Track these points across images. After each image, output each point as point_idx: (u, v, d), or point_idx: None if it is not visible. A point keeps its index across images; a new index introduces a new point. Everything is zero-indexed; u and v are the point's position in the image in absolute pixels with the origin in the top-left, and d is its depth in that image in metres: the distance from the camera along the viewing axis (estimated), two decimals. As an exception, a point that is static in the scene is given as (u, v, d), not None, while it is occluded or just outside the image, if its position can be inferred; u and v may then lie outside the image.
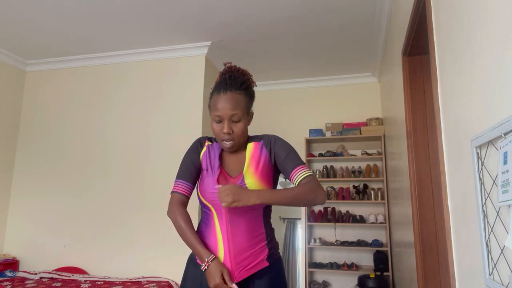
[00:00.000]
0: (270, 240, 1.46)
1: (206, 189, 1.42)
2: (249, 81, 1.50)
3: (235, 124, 1.41)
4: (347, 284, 4.40)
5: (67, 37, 3.79)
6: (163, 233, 3.56)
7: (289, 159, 1.43)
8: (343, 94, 4.85)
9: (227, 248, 1.38)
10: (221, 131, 1.41)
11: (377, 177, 4.41)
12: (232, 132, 1.41)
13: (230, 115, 1.39)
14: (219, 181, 1.43)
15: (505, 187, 0.81)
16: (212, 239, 1.41)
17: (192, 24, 3.51)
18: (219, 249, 1.39)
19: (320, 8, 3.22)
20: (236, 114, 1.40)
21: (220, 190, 1.27)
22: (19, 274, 3.66)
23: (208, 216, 1.44)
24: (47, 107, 4.28)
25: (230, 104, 1.39)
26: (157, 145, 3.86)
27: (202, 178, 1.47)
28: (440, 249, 2.03)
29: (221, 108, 1.39)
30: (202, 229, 1.47)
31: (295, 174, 1.40)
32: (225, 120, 1.40)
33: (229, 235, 1.38)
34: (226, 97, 1.40)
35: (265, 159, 1.45)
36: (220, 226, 1.40)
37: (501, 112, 0.89)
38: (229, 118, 1.40)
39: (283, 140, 1.50)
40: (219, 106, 1.40)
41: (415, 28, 2.00)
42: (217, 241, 1.40)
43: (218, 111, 1.40)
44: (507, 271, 0.87)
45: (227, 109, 1.39)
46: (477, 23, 1.06)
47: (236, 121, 1.41)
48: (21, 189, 4.15)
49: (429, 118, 2.19)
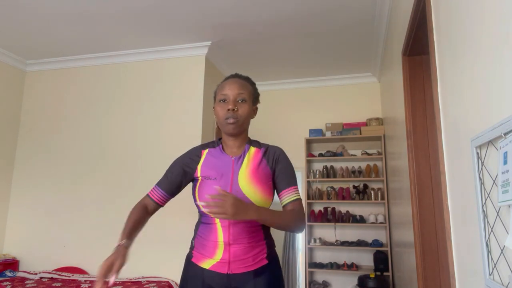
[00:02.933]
0: (268, 238, 1.47)
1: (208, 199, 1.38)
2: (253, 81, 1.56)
3: (240, 104, 1.42)
4: (347, 284, 4.41)
5: (67, 37, 3.79)
6: (163, 233, 3.56)
7: (285, 176, 1.45)
8: (343, 94, 4.85)
9: (228, 247, 1.39)
10: (225, 109, 1.41)
11: (377, 177, 4.41)
12: (237, 110, 1.41)
13: (236, 94, 1.42)
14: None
15: (505, 187, 0.81)
16: (212, 238, 1.41)
17: (192, 24, 3.51)
18: (218, 248, 1.39)
19: (320, 8, 3.22)
20: (242, 93, 1.43)
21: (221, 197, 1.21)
22: (19, 274, 3.67)
23: (209, 218, 1.43)
24: (47, 107, 4.28)
25: (237, 84, 1.44)
26: (157, 145, 3.86)
27: (202, 187, 1.42)
28: (440, 249, 2.03)
29: (227, 88, 1.43)
30: (201, 229, 1.46)
31: (285, 194, 1.43)
32: (231, 98, 1.41)
33: (230, 237, 1.39)
34: (233, 80, 1.47)
35: (263, 166, 1.45)
36: (223, 229, 1.40)
37: (501, 112, 0.89)
38: (235, 97, 1.42)
39: (286, 155, 1.51)
40: (225, 86, 1.44)
41: (415, 28, 1.99)
42: (217, 240, 1.40)
43: (224, 90, 1.43)
44: (507, 271, 0.87)
45: (234, 88, 1.42)
46: (477, 23, 1.06)
47: (242, 101, 1.42)
48: (21, 189, 4.15)
49: (429, 118, 2.19)
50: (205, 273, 1.41)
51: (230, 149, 1.49)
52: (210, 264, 1.41)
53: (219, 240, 1.39)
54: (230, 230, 1.39)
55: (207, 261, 1.41)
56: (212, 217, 1.38)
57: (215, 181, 1.40)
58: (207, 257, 1.42)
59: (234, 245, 1.39)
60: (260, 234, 1.44)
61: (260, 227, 1.44)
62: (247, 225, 1.40)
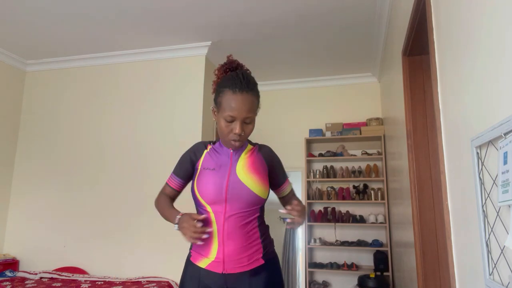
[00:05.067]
0: (264, 238, 1.47)
1: (207, 188, 1.41)
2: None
3: (246, 126, 1.41)
4: (347, 284, 4.40)
5: (67, 37, 3.79)
6: (163, 233, 3.56)
7: (281, 171, 1.60)
8: (343, 94, 4.85)
9: (222, 247, 1.38)
10: (231, 131, 1.39)
11: (377, 177, 4.41)
12: (244, 133, 1.41)
13: (244, 117, 1.37)
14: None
15: (505, 187, 0.81)
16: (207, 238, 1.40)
17: (192, 24, 3.51)
18: (212, 247, 1.39)
19: (320, 8, 3.22)
20: (250, 116, 1.39)
21: (299, 208, 1.37)
22: (19, 274, 3.67)
23: (205, 213, 1.43)
24: (47, 107, 4.28)
25: (246, 106, 1.36)
26: (157, 145, 3.86)
27: (201, 177, 1.45)
28: (440, 249, 2.03)
29: (236, 109, 1.35)
30: None
31: (285, 186, 1.62)
32: (238, 121, 1.37)
33: (224, 234, 1.38)
34: (243, 98, 1.35)
35: (260, 159, 1.52)
36: (217, 226, 1.40)
37: (501, 112, 0.89)
38: (243, 120, 1.38)
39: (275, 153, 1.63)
40: (234, 105, 1.35)
41: (415, 28, 2.00)
42: (212, 239, 1.40)
43: (233, 111, 1.35)
44: (507, 271, 0.87)
45: (243, 111, 1.35)
46: (476, 23, 1.06)
47: (248, 123, 1.41)
48: (21, 189, 4.14)
49: (429, 118, 2.19)
50: (202, 272, 1.42)
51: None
52: (206, 263, 1.41)
53: (213, 238, 1.40)
54: (225, 226, 1.39)
55: (204, 260, 1.42)
56: (208, 211, 1.41)
57: (213, 171, 1.44)
58: (203, 256, 1.42)
59: (228, 242, 1.38)
60: (255, 234, 1.44)
61: (256, 227, 1.44)
62: (241, 222, 1.40)
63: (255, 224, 1.43)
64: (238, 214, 1.40)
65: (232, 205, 1.39)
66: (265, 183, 1.46)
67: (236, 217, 1.39)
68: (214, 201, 1.40)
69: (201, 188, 1.42)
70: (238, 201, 1.40)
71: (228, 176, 1.42)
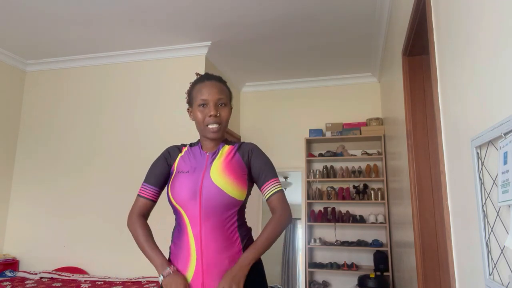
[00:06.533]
0: (246, 241, 1.40)
1: (180, 192, 1.37)
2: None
3: (221, 108, 1.43)
4: (347, 284, 4.40)
5: (67, 37, 3.79)
6: (163, 233, 3.55)
7: (263, 170, 1.44)
8: (343, 94, 4.85)
9: (200, 252, 1.33)
10: (206, 115, 1.41)
11: (377, 177, 4.41)
12: (220, 115, 1.42)
13: (217, 99, 1.42)
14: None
15: (505, 187, 0.81)
16: (184, 243, 1.36)
17: (192, 24, 3.51)
18: (191, 254, 1.34)
19: (320, 8, 3.22)
20: (222, 98, 1.43)
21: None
22: (19, 274, 3.66)
23: (180, 220, 1.39)
24: (47, 107, 4.28)
25: (215, 89, 1.43)
26: (157, 145, 3.84)
27: (175, 180, 1.41)
28: (440, 249, 2.03)
29: (207, 93, 1.41)
30: (175, 233, 1.43)
31: (266, 187, 1.42)
32: (211, 103, 1.41)
33: (202, 239, 1.33)
34: (211, 83, 1.44)
35: (237, 159, 1.44)
36: (193, 230, 1.35)
37: (501, 112, 0.89)
38: (216, 102, 1.42)
39: (261, 150, 1.51)
40: (204, 90, 1.42)
41: (415, 28, 1.99)
42: (189, 245, 1.34)
43: (204, 95, 1.41)
44: (507, 271, 0.87)
45: (214, 93, 1.42)
46: (476, 23, 1.06)
47: (223, 106, 1.44)
48: (21, 189, 4.14)
49: (429, 118, 2.19)
50: None
51: (207, 147, 1.49)
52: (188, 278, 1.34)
53: (190, 244, 1.34)
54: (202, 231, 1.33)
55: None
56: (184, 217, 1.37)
57: (187, 174, 1.41)
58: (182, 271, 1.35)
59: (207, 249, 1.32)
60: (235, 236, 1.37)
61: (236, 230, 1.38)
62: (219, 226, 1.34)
63: (234, 227, 1.38)
64: (215, 218, 1.34)
65: (207, 209, 1.34)
66: (242, 185, 1.39)
67: (212, 221, 1.34)
68: (188, 205, 1.35)
69: (175, 192, 1.38)
70: (213, 204, 1.34)
71: (202, 179, 1.38)
